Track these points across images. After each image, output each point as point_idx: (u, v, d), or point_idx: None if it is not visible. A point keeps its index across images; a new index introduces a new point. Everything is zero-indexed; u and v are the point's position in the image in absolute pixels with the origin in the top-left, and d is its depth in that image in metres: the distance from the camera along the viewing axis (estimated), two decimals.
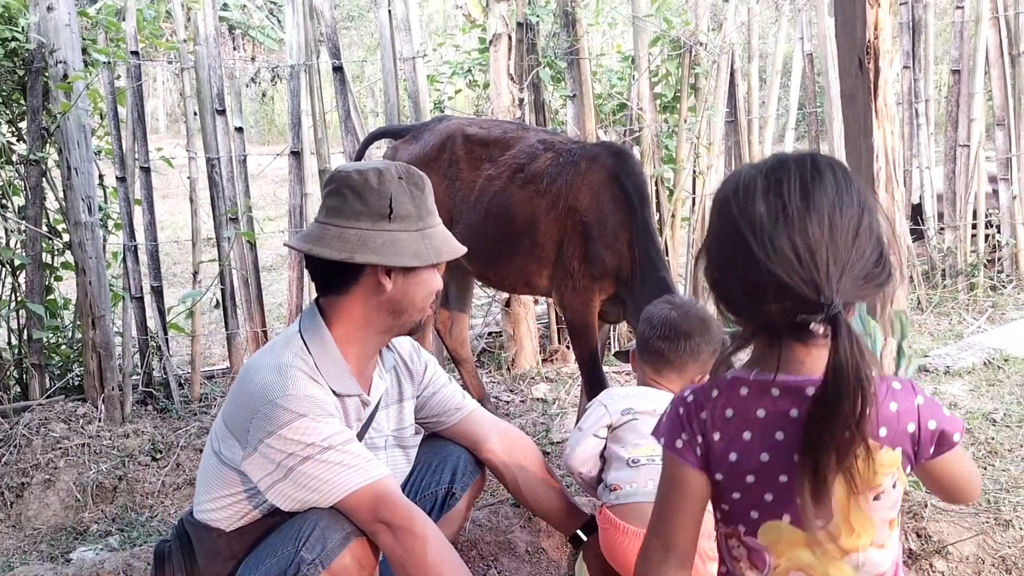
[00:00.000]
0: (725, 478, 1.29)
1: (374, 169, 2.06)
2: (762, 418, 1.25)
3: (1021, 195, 6.02)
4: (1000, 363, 4.54)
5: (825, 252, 1.16)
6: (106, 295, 4.05)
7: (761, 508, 1.27)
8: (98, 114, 4.42)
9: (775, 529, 1.27)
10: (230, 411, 2.05)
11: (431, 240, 2.05)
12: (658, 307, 2.48)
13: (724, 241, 1.25)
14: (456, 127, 3.69)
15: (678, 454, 1.31)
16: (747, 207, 1.20)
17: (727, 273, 1.26)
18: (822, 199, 1.18)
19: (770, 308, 1.18)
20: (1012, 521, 2.88)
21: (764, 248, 1.17)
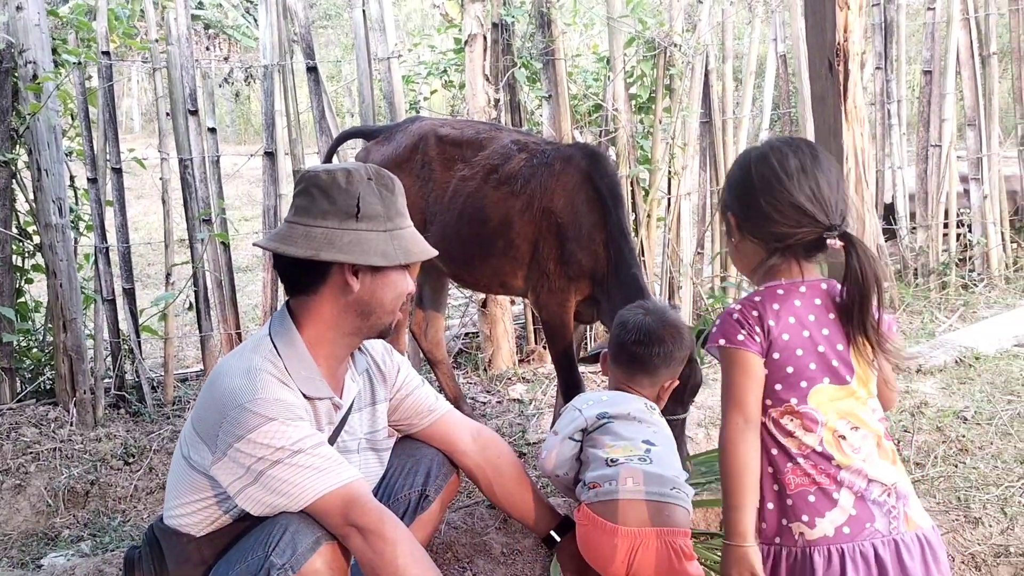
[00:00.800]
0: (781, 356, 1.71)
1: (343, 169, 2.05)
2: (798, 307, 1.73)
3: (992, 195, 6.10)
4: (971, 361, 4.59)
5: (829, 191, 1.72)
6: (77, 298, 4.01)
7: (808, 376, 1.70)
8: (69, 115, 4.37)
9: (820, 391, 1.70)
10: (199, 415, 2.04)
11: (400, 241, 2.04)
12: (632, 312, 2.49)
13: (761, 187, 1.73)
14: (429, 128, 3.68)
15: (742, 345, 1.72)
16: (783, 161, 1.73)
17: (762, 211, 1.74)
18: (823, 162, 1.75)
19: (800, 230, 1.71)
20: (982, 519, 2.92)
21: (798, 186, 1.70)
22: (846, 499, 1.67)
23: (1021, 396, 4.11)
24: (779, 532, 1.71)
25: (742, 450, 1.69)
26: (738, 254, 1.86)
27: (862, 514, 1.67)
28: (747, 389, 1.71)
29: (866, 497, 1.68)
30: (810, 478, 1.69)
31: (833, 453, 1.69)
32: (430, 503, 2.37)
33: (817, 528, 1.67)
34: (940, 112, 5.91)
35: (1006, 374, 4.41)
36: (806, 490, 1.69)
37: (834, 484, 1.68)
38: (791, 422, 1.71)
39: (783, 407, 1.72)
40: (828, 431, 1.69)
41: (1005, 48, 7.06)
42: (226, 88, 12.44)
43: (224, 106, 13.58)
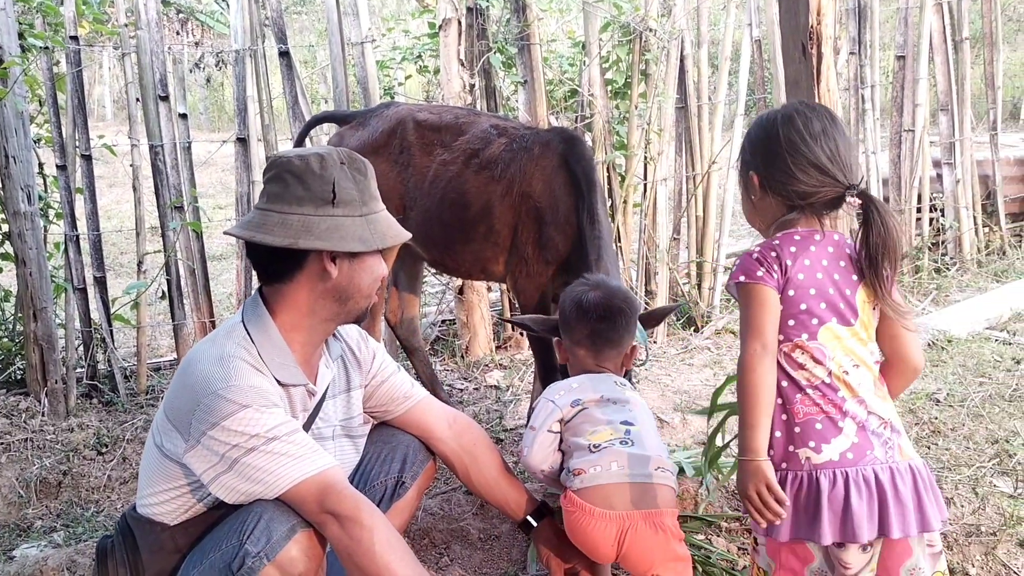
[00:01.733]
0: (796, 293, 1.83)
1: (316, 154, 2.03)
2: (813, 251, 1.85)
3: (964, 179, 6.15)
4: (944, 344, 4.64)
5: (847, 153, 1.85)
6: (48, 286, 3.95)
7: (818, 314, 1.83)
8: (37, 101, 4.30)
9: (828, 330, 1.83)
10: (172, 403, 2.01)
11: (376, 225, 2.03)
12: (580, 292, 2.45)
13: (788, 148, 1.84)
14: (406, 112, 3.65)
15: (760, 280, 1.83)
16: (808, 124, 1.84)
17: (787, 170, 1.84)
18: (840, 126, 1.88)
19: (822, 189, 1.83)
20: (953, 499, 2.95)
21: (821, 147, 1.82)
22: (849, 428, 1.80)
23: (993, 378, 4.16)
24: (786, 458, 1.83)
25: (760, 372, 1.80)
26: (757, 211, 1.96)
27: (863, 442, 1.80)
28: (765, 319, 1.82)
29: (866, 427, 1.81)
30: (818, 407, 1.81)
31: (839, 385, 1.82)
32: (406, 490, 2.36)
33: (823, 453, 1.79)
34: (913, 97, 5.95)
35: (978, 357, 4.46)
36: (813, 418, 1.81)
37: (839, 413, 1.81)
38: (802, 355, 1.83)
39: (794, 342, 1.84)
40: (835, 365, 1.82)
41: (977, 34, 7.12)
42: (198, 74, 12.30)
43: (197, 93, 13.44)
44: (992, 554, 2.70)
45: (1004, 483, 3.11)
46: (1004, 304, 5.17)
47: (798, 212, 1.88)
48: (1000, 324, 5.01)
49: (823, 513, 1.77)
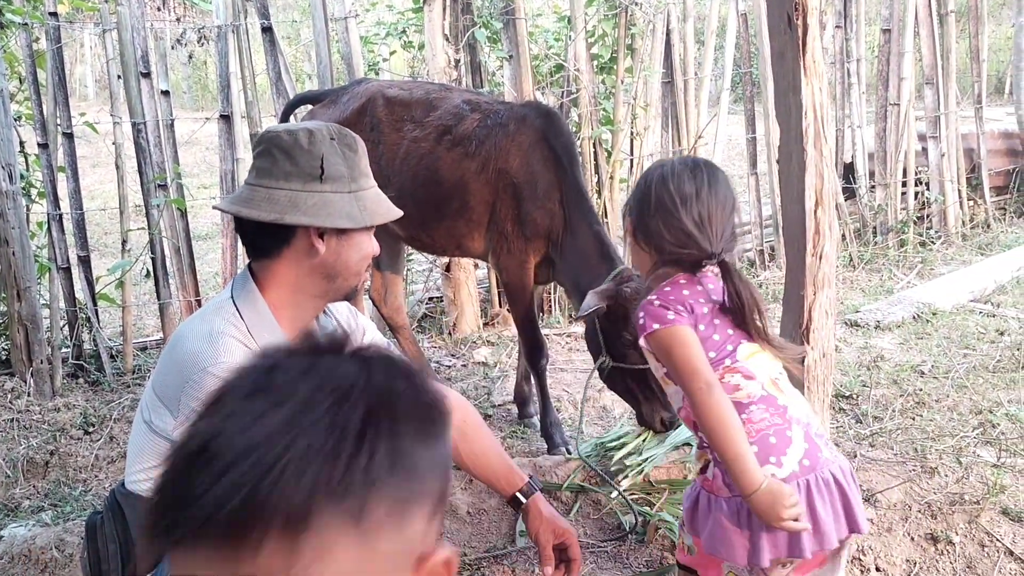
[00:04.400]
0: (706, 327, 1.83)
1: (304, 129, 2.01)
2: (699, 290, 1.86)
3: (949, 153, 6.17)
4: (928, 317, 4.67)
5: (717, 220, 1.84)
6: (31, 266, 3.92)
7: (730, 340, 1.84)
8: (17, 78, 4.25)
9: (745, 347, 1.84)
10: (160, 380, 2.00)
11: (365, 202, 2.01)
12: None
13: (657, 207, 1.85)
14: (376, 89, 3.63)
15: (675, 322, 1.80)
16: (680, 186, 1.84)
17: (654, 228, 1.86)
18: (720, 188, 1.87)
19: (684, 251, 1.84)
20: (938, 468, 2.98)
21: (687, 212, 1.83)
22: (798, 434, 1.78)
23: (977, 350, 4.20)
24: None
25: (715, 407, 1.74)
26: (633, 254, 1.98)
27: (812, 446, 1.78)
28: (695, 357, 1.78)
29: (809, 431, 1.79)
30: (766, 420, 1.78)
31: (776, 394, 1.81)
32: None
33: (785, 466, 1.74)
34: (899, 71, 5.95)
35: (962, 329, 4.50)
36: (766, 432, 1.76)
37: (785, 422, 1.78)
38: (733, 377, 1.81)
39: (721, 369, 1.81)
40: (765, 376, 1.82)
41: (962, 7, 7.12)
42: (180, 51, 12.16)
43: (180, 71, 13.30)
44: (975, 522, 2.73)
45: (987, 452, 3.15)
46: (988, 277, 5.21)
47: (668, 267, 1.88)
48: (984, 297, 5.05)
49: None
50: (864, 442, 3.23)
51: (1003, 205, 6.73)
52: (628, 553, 2.71)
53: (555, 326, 4.83)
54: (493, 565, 2.68)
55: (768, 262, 5.72)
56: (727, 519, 1.77)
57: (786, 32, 2.42)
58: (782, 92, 2.51)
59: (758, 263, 5.72)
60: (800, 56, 2.38)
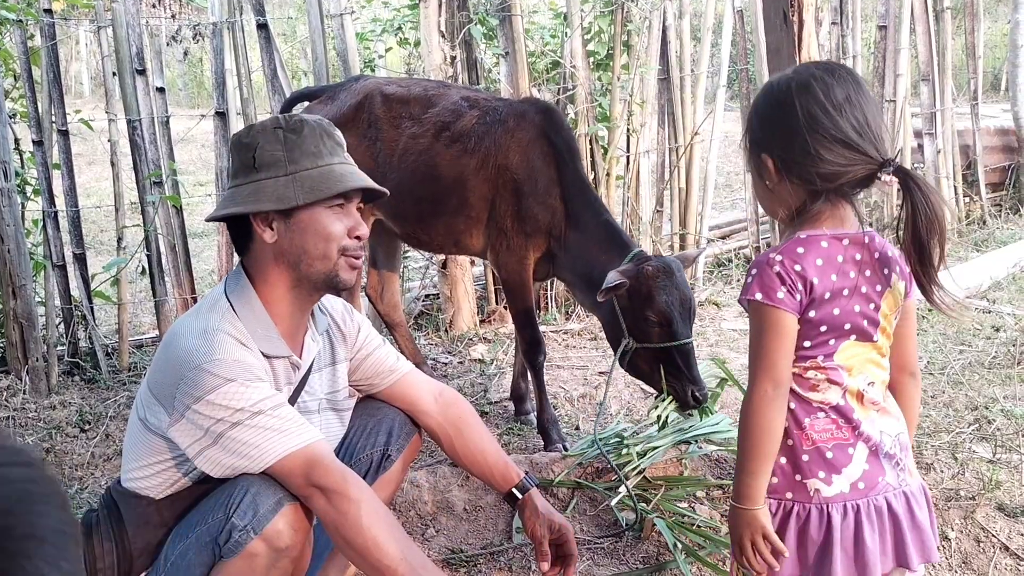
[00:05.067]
0: (818, 312, 1.60)
1: (249, 125, 2.06)
2: (840, 263, 1.60)
3: (945, 149, 6.18)
4: (924, 312, 4.67)
5: (875, 123, 1.58)
6: (27, 264, 3.92)
7: (838, 334, 1.62)
8: (11, 75, 4.24)
9: (847, 348, 1.63)
10: (155, 377, 2.00)
11: (303, 182, 1.97)
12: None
13: (807, 123, 1.56)
14: (374, 86, 3.63)
15: (780, 304, 1.59)
16: (828, 92, 1.56)
17: (809, 150, 1.56)
18: (866, 90, 1.61)
19: (852, 169, 1.56)
20: (933, 464, 2.99)
21: (846, 119, 1.55)
22: (861, 453, 1.63)
23: (973, 346, 4.21)
24: (791, 487, 1.65)
25: (769, 418, 1.60)
26: (773, 197, 1.67)
27: (875, 468, 1.63)
28: (781, 353, 1.60)
29: (879, 451, 1.64)
30: (830, 432, 1.63)
31: (854, 407, 1.63)
32: (392, 463, 2.36)
33: (834, 485, 1.62)
34: (895, 67, 5.96)
35: (958, 325, 4.50)
36: (824, 445, 1.63)
37: (852, 438, 1.63)
38: (817, 375, 1.64)
39: (810, 362, 1.64)
40: (852, 385, 1.64)
41: (958, 4, 7.12)
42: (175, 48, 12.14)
43: (175, 68, 13.27)
44: (971, 518, 2.74)
45: (983, 448, 3.16)
46: (984, 273, 5.22)
47: (824, 199, 1.60)
48: (980, 293, 5.06)
49: (835, 551, 1.60)
50: None
51: (999, 201, 6.74)
52: (624, 549, 2.71)
53: (551, 323, 4.83)
54: (490, 562, 2.68)
55: None
56: None
57: (781, 28, 2.42)
58: None
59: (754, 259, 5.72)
60: (796, 52, 2.38)
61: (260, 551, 1.87)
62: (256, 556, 1.87)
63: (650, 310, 2.90)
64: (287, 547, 1.90)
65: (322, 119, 2.07)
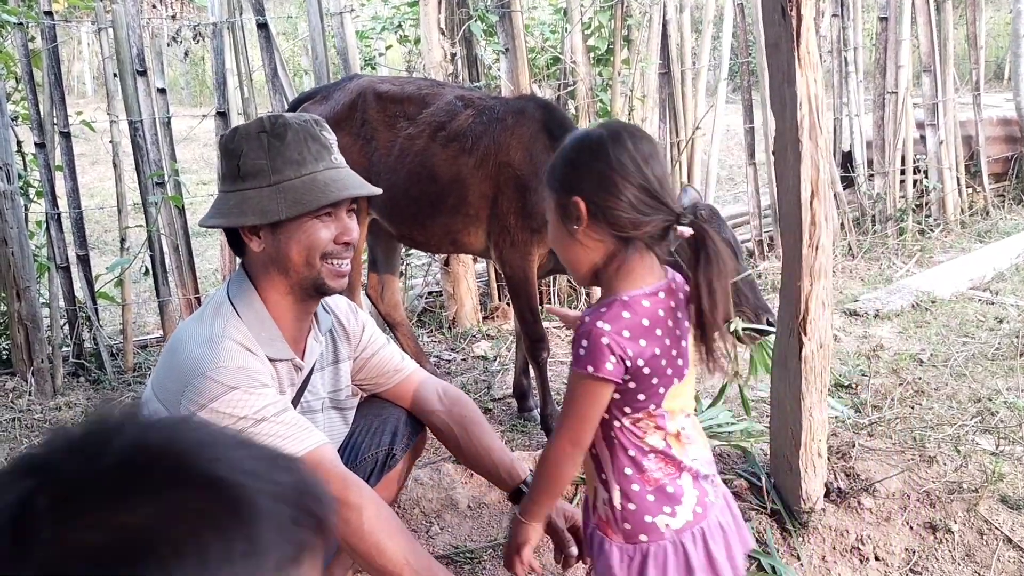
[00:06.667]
0: (648, 367, 1.65)
1: (233, 128, 2.02)
2: (662, 316, 1.68)
3: (948, 140, 6.16)
4: (928, 305, 4.67)
5: (668, 181, 1.70)
6: (30, 266, 3.93)
7: (665, 382, 1.68)
8: (13, 78, 4.25)
9: (673, 392, 1.70)
10: (160, 383, 2.00)
11: (285, 194, 1.95)
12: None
13: (620, 170, 1.63)
14: (367, 84, 3.63)
15: (607, 375, 1.62)
16: (637, 144, 1.65)
17: (620, 196, 1.63)
18: (658, 150, 1.71)
19: (652, 218, 1.63)
20: (936, 457, 2.99)
21: (651, 172, 1.64)
22: (687, 482, 1.73)
23: (976, 338, 4.20)
24: (644, 530, 1.71)
25: (563, 470, 1.75)
26: (579, 249, 1.69)
27: (701, 492, 1.74)
28: (590, 422, 1.69)
29: (698, 475, 1.75)
30: (661, 470, 1.72)
31: (672, 445, 1.73)
32: (396, 462, 2.37)
33: (678, 516, 1.71)
34: (896, 59, 5.94)
35: (961, 317, 4.50)
36: (663, 483, 1.72)
37: (679, 472, 1.73)
38: (646, 424, 1.72)
39: (642, 413, 1.70)
40: (673, 426, 1.73)
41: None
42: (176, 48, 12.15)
43: (177, 68, 13.29)
44: (974, 510, 2.74)
45: (986, 441, 3.16)
46: (987, 264, 5.21)
47: (633, 248, 1.66)
48: (983, 284, 5.05)
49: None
50: (863, 431, 3.24)
51: (1002, 192, 6.72)
52: None
53: (554, 319, 4.83)
54: (495, 558, 2.69)
55: (767, 252, 5.72)
56: (616, 567, 1.72)
57: (780, 22, 2.41)
58: (777, 83, 2.51)
59: (756, 253, 5.72)
60: (794, 47, 2.37)
61: None
62: None
63: None
64: None
65: (308, 120, 2.04)
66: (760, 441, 3.05)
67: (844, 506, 2.75)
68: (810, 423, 2.63)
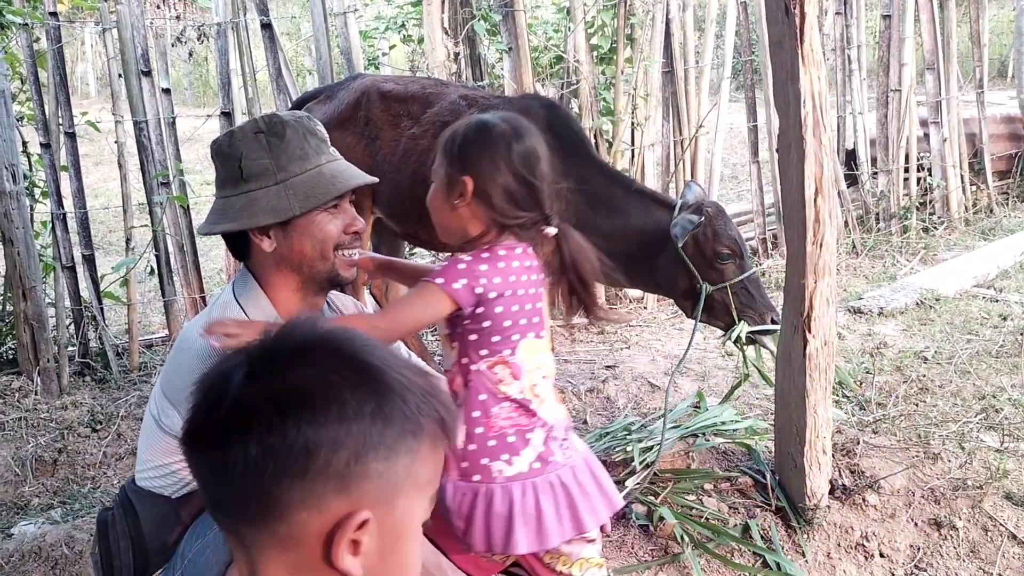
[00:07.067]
0: (504, 309, 1.80)
1: (228, 131, 2.00)
2: (516, 267, 1.82)
3: (951, 138, 6.16)
4: (931, 303, 4.67)
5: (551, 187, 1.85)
6: (36, 266, 3.94)
7: (520, 330, 1.83)
8: (18, 78, 4.26)
9: (526, 345, 1.84)
10: (169, 381, 2.01)
11: (294, 189, 1.95)
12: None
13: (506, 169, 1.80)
14: (371, 83, 3.63)
15: (453, 293, 1.77)
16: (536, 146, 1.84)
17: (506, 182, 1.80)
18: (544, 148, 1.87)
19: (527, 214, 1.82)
20: (940, 454, 2.99)
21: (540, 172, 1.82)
22: (538, 438, 1.84)
23: (980, 335, 4.20)
24: (479, 471, 1.82)
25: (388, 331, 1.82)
26: (455, 219, 1.86)
27: (547, 450, 1.84)
28: (411, 325, 1.84)
29: (549, 435, 1.85)
30: (511, 420, 1.82)
31: (531, 399, 1.84)
32: None
33: (514, 465, 1.81)
34: (899, 56, 5.93)
35: (965, 314, 4.50)
36: (507, 432, 1.82)
37: (530, 424, 1.83)
38: (503, 370, 1.83)
39: (497, 357, 1.83)
40: (529, 379, 1.84)
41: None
42: (180, 48, 12.17)
43: (182, 68, 13.31)
44: (979, 507, 2.74)
45: (991, 438, 3.16)
46: (991, 262, 5.21)
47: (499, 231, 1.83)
48: (987, 282, 5.05)
49: (516, 523, 1.79)
50: (867, 428, 3.24)
51: (1006, 190, 6.72)
52: (633, 542, 2.72)
53: (557, 317, 4.83)
54: None
55: (771, 250, 5.72)
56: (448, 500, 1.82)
57: (783, 20, 2.42)
58: (780, 81, 2.52)
59: (760, 251, 5.72)
60: (798, 44, 2.38)
61: None
62: None
63: (722, 245, 3.04)
64: None
65: (302, 116, 2.04)
66: (765, 439, 3.06)
67: (849, 503, 2.75)
68: (815, 420, 2.63)
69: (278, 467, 0.83)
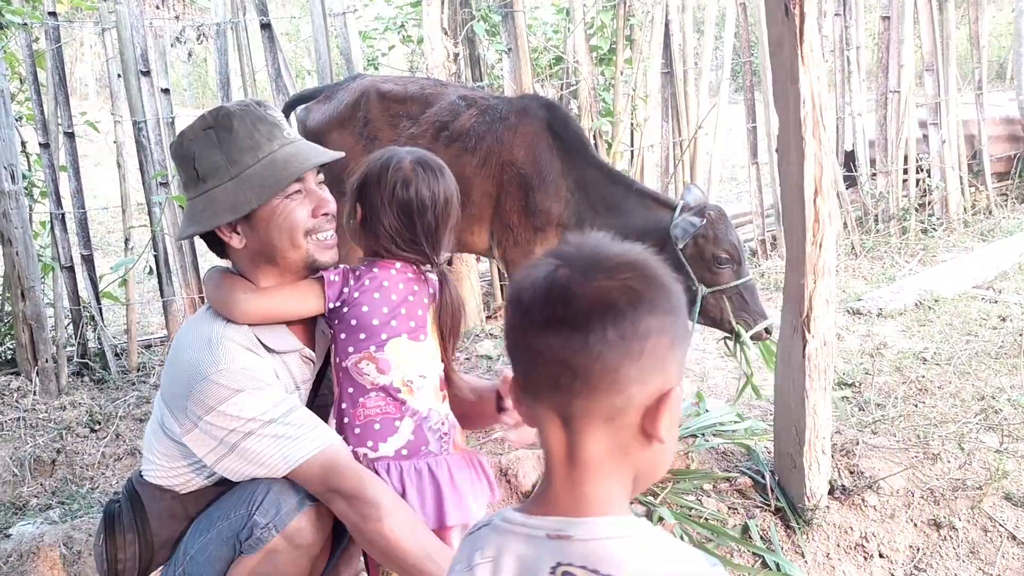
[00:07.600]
0: (369, 309, 1.92)
1: (180, 133, 1.99)
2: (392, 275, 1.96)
3: (950, 139, 6.16)
4: (931, 304, 4.68)
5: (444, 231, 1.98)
6: (35, 265, 3.94)
7: (388, 330, 1.93)
8: (17, 79, 4.26)
9: (397, 344, 1.94)
10: (167, 388, 2.00)
11: (249, 182, 1.94)
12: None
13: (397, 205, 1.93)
14: (369, 84, 3.63)
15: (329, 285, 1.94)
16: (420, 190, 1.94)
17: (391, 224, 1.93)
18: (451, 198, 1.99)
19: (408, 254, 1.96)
20: (940, 455, 2.99)
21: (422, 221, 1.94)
22: (407, 427, 1.93)
23: (979, 336, 4.21)
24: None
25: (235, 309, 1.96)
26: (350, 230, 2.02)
27: (419, 439, 1.94)
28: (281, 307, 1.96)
29: (422, 424, 1.94)
30: (379, 408, 1.94)
31: (400, 389, 1.94)
32: None
33: (380, 451, 1.93)
34: (899, 58, 5.94)
35: (964, 315, 4.50)
36: (373, 420, 1.93)
37: (399, 413, 1.93)
38: (368, 366, 1.93)
39: (363, 353, 1.93)
40: (399, 375, 1.93)
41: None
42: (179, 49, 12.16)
43: (180, 68, 13.30)
44: (978, 507, 2.74)
45: (990, 438, 3.16)
46: (990, 263, 5.21)
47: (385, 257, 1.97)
48: (986, 283, 5.05)
49: None
50: (867, 429, 3.24)
51: (1005, 191, 6.72)
52: None
53: None
54: None
55: (770, 251, 5.72)
56: None
57: (783, 21, 2.42)
58: (780, 82, 2.52)
59: (760, 252, 5.72)
60: (798, 45, 2.38)
61: (280, 548, 1.88)
62: (276, 553, 1.88)
63: (721, 250, 3.07)
64: (307, 544, 1.91)
65: (250, 103, 2.01)
66: (764, 439, 3.05)
67: (848, 503, 2.75)
68: (814, 420, 2.63)
69: (627, 348, 1.00)
